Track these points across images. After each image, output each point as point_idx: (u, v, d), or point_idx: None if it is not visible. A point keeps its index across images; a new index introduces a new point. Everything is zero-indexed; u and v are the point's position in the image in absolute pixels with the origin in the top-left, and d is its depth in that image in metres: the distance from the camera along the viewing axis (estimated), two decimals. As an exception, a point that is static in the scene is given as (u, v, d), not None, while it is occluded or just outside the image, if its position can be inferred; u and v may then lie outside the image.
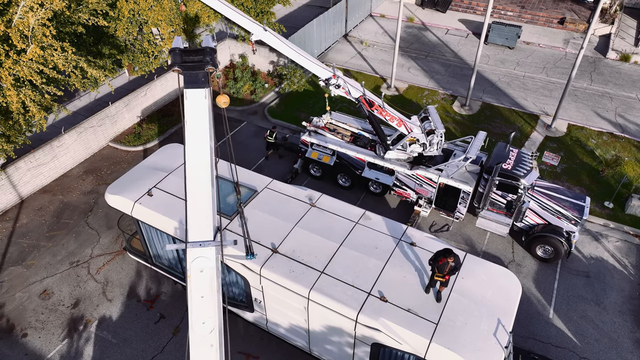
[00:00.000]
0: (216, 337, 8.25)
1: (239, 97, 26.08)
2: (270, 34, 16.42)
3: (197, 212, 8.27)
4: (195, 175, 8.30)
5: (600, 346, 14.45)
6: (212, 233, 8.25)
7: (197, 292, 8.12)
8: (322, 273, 11.98)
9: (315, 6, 36.36)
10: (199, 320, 8.17)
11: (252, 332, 14.85)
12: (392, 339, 10.86)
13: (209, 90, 8.35)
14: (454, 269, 11.11)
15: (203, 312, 8.17)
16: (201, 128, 8.31)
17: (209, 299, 8.15)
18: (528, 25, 33.41)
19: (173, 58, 8.26)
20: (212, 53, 8.32)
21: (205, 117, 8.31)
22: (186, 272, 8.15)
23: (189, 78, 8.28)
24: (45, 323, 15.26)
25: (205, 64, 8.23)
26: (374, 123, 17.59)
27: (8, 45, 14.92)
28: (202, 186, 8.29)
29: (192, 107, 8.27)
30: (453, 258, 10.92)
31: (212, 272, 8.15)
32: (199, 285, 8.11)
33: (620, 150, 21.80)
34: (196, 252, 8.11)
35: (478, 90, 26.17)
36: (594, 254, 17.30)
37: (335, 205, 14.11)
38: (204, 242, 8.15)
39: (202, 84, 8.28)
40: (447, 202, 18.03)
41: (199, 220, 8.26)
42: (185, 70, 8.26)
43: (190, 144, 8.30)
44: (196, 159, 8.30)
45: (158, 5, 20.17)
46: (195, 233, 8.21)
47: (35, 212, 19.22)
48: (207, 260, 8.12)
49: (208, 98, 8.34)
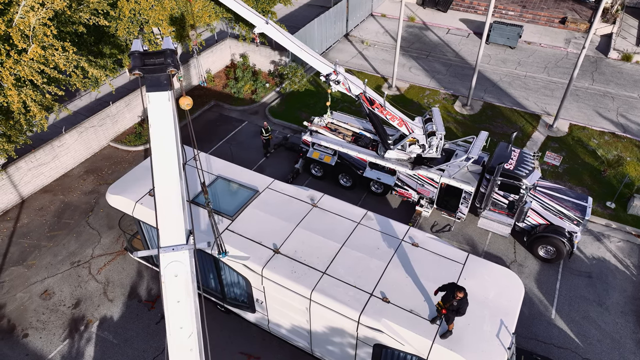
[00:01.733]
0: (195, 341, 8.18)
1: (240, 96, 26.04)
2: (272, 27, 16.56)
3: (167, 216, 8.11)
4: (163, 179, 8.14)
5: (602, 347, 14.41)
6: (185, 236, 8.13)
7: (173, 297, 8.01)
8: (324, 274, 11.94)
9: (316, 6, 36.32)
10: (176, 326, 8.09)
11: (254, 333, 14.82)
12: (394, 340, 10.83)
13: (172, 93, 8.19)
14: (457, 309, 10.25)
15: (180, 317, 8.08)
16: (166, 131, 8.15)
17: (186, 304, 8.05)
18: (529, 24, 33.36)
19: (133, 62, 8.05)
20: (173, 55, 8.19)
21: (170, 119, 8.16)
22: (160, 277, 8.02)
23: (150, 81, 8.11)
24: (46, 323, 15.23)
25: (167, 66, 8.07)
26: (374, 121, 17.55)
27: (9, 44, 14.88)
28: (170, 190, 8.14)
29: (155, 110, 8.11)
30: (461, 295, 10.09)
31: (187, 276, 8.04)
32: (175, 290, 8.00)
33: (622, 150, 21.75)
34: (169, 257, 7.98)
35: (479, 90, 26.12)
36: (596, 254, 17.26)
37: (336, 205, 14.07)
38: (176, 246, 8.01)
39: (165, 86, 8.13)
40: (448, 202, 17.99)
41: (170, 224, 8.10)
42: (146, 74, 8.09)
43: (156, 148, 8.13)
44: (163, 162, 8.15)
45: (159, 4, 20.12)
46: (167, 238, 8.06)
47: (36, 212, 19.19)
48: (181, 265, 8.00)
49: (171, 100, 8.19)
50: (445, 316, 10.48)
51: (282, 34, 16.70)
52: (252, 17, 16.68)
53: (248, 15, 16.68)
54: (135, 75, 8.07)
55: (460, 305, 10.21)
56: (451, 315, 10.38)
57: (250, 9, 16.77)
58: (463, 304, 10.22)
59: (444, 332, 10.64)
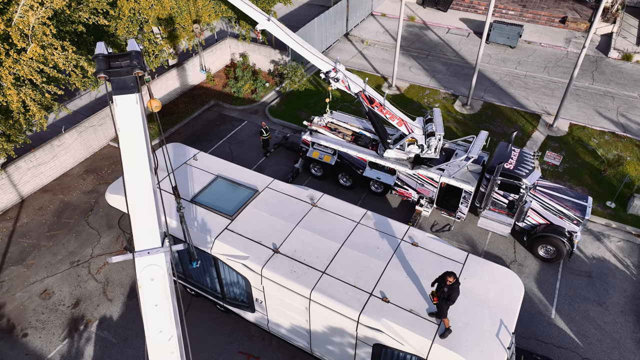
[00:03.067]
0: (175, 343, 8.15)
1: (239, 96, 26.03)
2: (274, 24, 16.72)
3: (141, 220, 8.02)
4: (134, 183, 8.05)
5: (602, 347, 14.40)
6: (160, 239, 8.05)
7: (151, 301, 7.95)
8: (323, 273, 11.93)
9: (316, 5, 36.30)
10: (155, 329, 8.03)
11: (253, 333, 14.81)
12: (393, 339, 10.81)
13: (139, 95, 8.07)
14: (448, 296, 10.29)
15: (159, 320, 8.03)
16: (136, 134, 8.04)
17: (164, 307, 7.99)
18: (529, 24, 33.33)
19: (97, 65, 7.87)
20: (139, 56, 8.04)
21: (139, 122, 8.05)
22: (137, 282, 7.96)
23: (117, 84, 7.97)
24: (46, 323, 15.22)
25: (133, 68, 7.93)
26: (374, 120, 17.52)
27: (8, 44, 14.85)
28: (143, 193, 8.05)
29: (123, 113, 7.98)
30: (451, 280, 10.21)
31: (164, 279, 7.96)
32: (152, 294, 7.93)
33: (622, 150, 21.73)
34: (145, 260, 7.89)
35: (479, 89, 26.10)
36: (596, 254, 17.24)
37: (336, 205, 14.05)
38: (151, 249, 7.93)
39: (132, 89, 7.99)
40: (448, 201, 17.98)
41: (144, 228, 8.01)
42: (112, 77, 7.94)
43: (126, 152, 8.01)
44: (134, 166, 8.04)
45: (159, 4, 20.11)
46: (142, 241, 7.97)
47: (35, 212, 19.18)
48: (157, 268, 7.92)
49: (139, 103, 8.08)
50: (437, 305, 10.52)
51: (283, 31, 16.80)
52: (254, 14, 16.90)
53: (250, 12, 16.93)
54: (100, 78, 7.90)
55: (451, 292, 10.23)
56: (443, 305, 10.39)
57: (252, 6, 17.00)
58: (454, 291, 10.24)
59: (442, 331, 10.62)
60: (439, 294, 10.45)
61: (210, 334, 14.87)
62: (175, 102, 25.76)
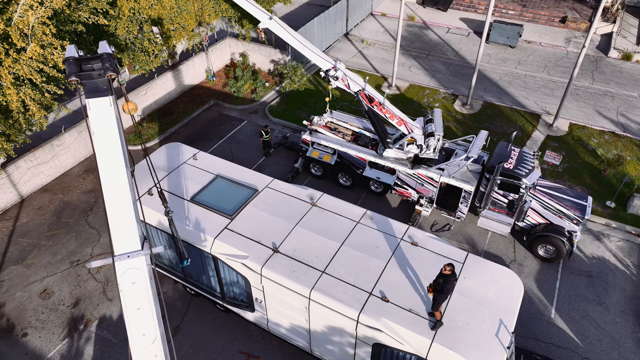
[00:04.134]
0: (159, 346, 8.12)
1: (239, 96, 26.02)
2: (276, 22, 16.75)
3: (119, 223, 7.93)
4: (111, 186, 7.94)
5: (602, 346, 14.40)
6: (140, 242, 7.98)
7: (133, 305, 7.89)
8: (323, 273, 11.93)
9: (316, 5, 36.29)
10: (138, 333, 7.98)
11: (253, 332, 14.81)
12: (393, 339, 10.82)
13: (113, 98, 7.92)
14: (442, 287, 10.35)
15: (142, 323, 7.97)
16: (111, 137, 7.89)
17: (146, 310, 7.93)
18: (529, 24, 33.32)
19: (68, 68, 7.67)
20: (111, 58, 7.88)
21: (113, 125, 7.90)
22: (118, 286, 7.86)
23: (89, 87, 7.80)
24: (46, 322, 15.22)
25: (106, 70, 7.78)
26: (373, 119, 17.51)
27: (8, 43, 14.85)
28: (120, 196, 7.96)
29: (97, 117, 7.82)
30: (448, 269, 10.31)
31: (146, 282, 7.90)
32: (134, 297, 7.87)
33: (622, 150, 21.73)
34: (125, 264, 7.81)
35: (479, 89, 26.09)
36: (596, 253, 17.24)
37: (336, 204, 14.05)
38: (131, 252, 7.85)
39: (105, 91, 7.83)
40: (448, 201, 17.98)
41: (123, 231, 7.93)
42: (84, 80, 7.78)
43: (102, 156, 7.88)
44: (110, 169, 7.92)
45: (159, 3, 20.10)
46: (121, 245, 7.90)
47: (35, 211, 19.18)
48: (138, 271, 7.85)
49: (114, 106, 7.93)
50: (433, 298, 10.56)
51: (285, 29, 16.82)
52: (256, 12, 16.96)
53: (252, 10, 17.02)
54: (72, 82, 7.77)
55: (445, 284, 10.26)
56: (437, 296, 10.41)
57: (254, 4, 17.04)
58: (448, 283, 10.27)
59: (433, 324, 10.69)
60: (434, 285, 10.54)
61: (210, 334, 14.87)
62: (175, 101, 25.76)
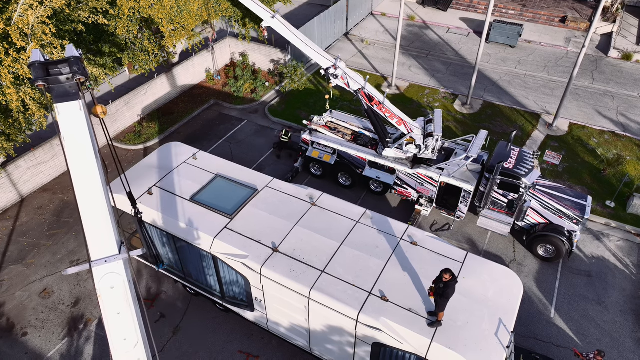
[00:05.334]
0: (142, 350, 8.09)
1: (239, 95, 26.03)
2: (278, 21, 16.81)
3: (95, 228, 7.80)
4: (85, 191, 7.81)
5: (601, 346, 14.40)
6: (117, 246, 7.87)
7: (113, 310, 7.83)
8: (322, 272, 11.94)
9: (316, 4, 36.30)
10: (120, 338, 7.93)
11: (253, 332, 14.82)
12: (393, 338, 10.83)
13: (83, 102, 7.76)
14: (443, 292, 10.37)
15: (123, 328, 7.93)
16: (82, 141, 7.73)
17: (127, 314, 7.88)
18: (529, 23, 33.32)
19: (35, 73, 7.44)
20: (79, 62, 7.69)
21: (84, 129, 7.74)
22: (96, 291, 7.77)
23: (58, 92, 7.59)
24: (46, 322, 15.23)
25: (74, 74, 7.61)
26: (373, 119, 17.50)
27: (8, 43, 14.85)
28: (94, 201, 7.83)
29: (67, 122, 7.65)
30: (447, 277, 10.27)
31: (125, 287, 7.85)
32: (113, 302, 7.80)
33: (622, 150, 21.73)
34: (103, 269, 7.71)
35: (479, 89, 26.09)
36: (596, 253, 17.24)
37: (336, 204, 14.05)
38: (109, 257, 7.74)
39: (74, 95, 7.66)
40: (448, 201, 17.97)
41: (99, 236, 7.81)
42: (52, 84, 7.57)
43: (74, 161, 7.72)
44: (83, 174, 7.79)
45: (159, 3, 20.10)
46: (98, 250, 7.77)
47: (35, 211, 19.18)
48: (116, 276, 7.77)
49: (83, 110, 7.76)
50: (435, 302, 10.57)
51: (287, 28, 16.88)
52: (259, 11, 17.03)
53: (256, 9, 17.12)
54: (39, 87, 7.55)
55: (446, 289, 10.25)
56: (439, 300, 10.42)
57: (258, 3, 17.09)
58: (449, 287, 10.25)
59: (432, 321, 10.71)
60: (435, 289, 10.53)
61: (210, 333, 14.88)
62: (175, 101, 25.77)
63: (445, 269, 10.33)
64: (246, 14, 23.78)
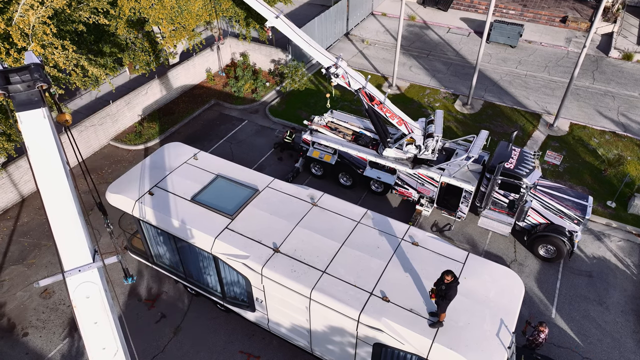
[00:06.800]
0: (122, 357, 8.03)
1: (240, 95, 26.03)
2: (282, 21, 16.79)
3: (66, 238, 7.64)
4: (53, 200, 7.65)
5: (602, 346, 14.39)
6: (90, 255, 7.71)
7: (89, 320, 7.69)
8: (323, 273, 11.93)
9: (316, 4, 36.29)
10: (98, 347, 7.81)
11: (254, 332, 14.81)
12: (394, 339, 10.81)
13: (46, 109, 7.57)
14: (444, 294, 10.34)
15: (101, 337, 7.80)
16: (48, 149, 7.57)
17: (104, 323, 7.76)
18: (530, 23, 33.31)
19: None
20: (39, 69, 7.44)
21: (49, 136, 7.57)
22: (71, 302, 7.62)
23: (19, 100, 7.36)
24: (46, 322, 15.23)
25: (36, 81, 7.42)
26: (373, 118, 17.48)
27: (9, 43, 14.86)
28: (64, 210, 7.69)
29: (31, 130, 7.46)
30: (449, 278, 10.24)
31: (101, 295, 7.70)
32: (90, 311, 7.66)
33: (623, 150, 21.72)
34: (77, 279, 7.55)
35: (480, 89, 26.08)
36: (597, 253, 17.23)
37: (336, 204, 14.04)
38: (82, 266, 7.59)
39: (37, 103, 7.46)
40: (449, 201, 17.97)
41: (71, 245, 7.66)
42: (13, 93, 7.34)
43: (40, 170, 7.55)
44: (50, 182, 7.62)
45: (159, 3, 20.10)
46: (71, 260, 7.61)
47: (36, 211, 19.18)
48: (92, 285, 7.62)
49: (47, 117, 7.56)
50: (437, 303, 10.56)
51: (291, 28, 16.87)
52: (264, 11, 17.05)
53: (260, 9, 17.11)
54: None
55: (448, 291, 10.23)
56: (440, 302, 10.40)
57: (262, 3, 17.11)
58: (450, 289, 10.23)
59: (433, 322, 10.69)
60: (436, 291, 10.52)
61: (211, 333, 14.87)
62: (175, 101, 25.77)
63: (447, 271, 10.32)
64: (249, 14, 23.78)
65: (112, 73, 19.92)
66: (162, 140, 23.09)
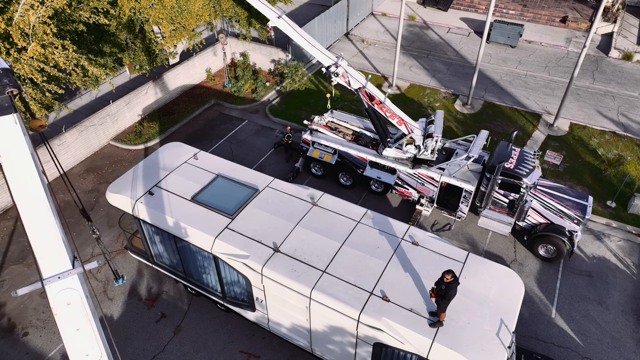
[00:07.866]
0: None
1: (240, 95, 26.03)
2: (284, 21, 16.84)
3: (43, 245, 7.48)
4: (29, 207, 7.51)
5: (602, 346, 14.40)
6: (70, 261, 7.55)
7: (71, 327, 7.59)
8: (324, 272, 11.93)
9: (316, 4, 36.31)
10: (81, 354, 7.72)
11: (254, 332, 14.82)
12: (394, 338, 10.82)
13: (17, 115, 7.34)
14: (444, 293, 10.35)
15: (83, 344, 7.70)
16: (21, 156, 7.39)
17: (86, 329, 7.66)
18: (530, 23, 33.32)
19: None
20: (8, 73, 7.24)
21: (22, 143, 7.37)
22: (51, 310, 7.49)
23: None
24: (46, 322, 15.23)
25: (5, 86, 7.18)
26: (373, 118, 17.49)
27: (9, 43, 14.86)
28: (40, 217, 7.54)
29: (2, 137, 7.27)
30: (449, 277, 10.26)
31: (82, 301, 7.59)
32: (71, 318, 7.56)
33: (623, 150, 21.72)
34: (57, 286, 7.42)
35: (480, 89, 26.09)
36: (597, 253, 17.24)
37: (337, 204, 14.05)
38: (62, 273, 7.44)
39: (7, 109, 7.22)
40: (449, 201, 17.98)
41: (49, 252, 7.49)
42: None
43: (13, 176, 7.39)
44: (25, 189, 7.48)
45: (159, 3, 20.09)
46: (49, 267, 7.46)
47: (36, 211, 19.15)
48: (72, 291, 7.48)
49: (19, 123, 7.34)
50: (437, 303, 10.56)
51: (293, 28, 16.91)
52: (265, 10, 17.10)
53: (263, 9, 17.16)
54: None
55: (448, 290, 10.24)
56: (440, 302, 10.40)
57: (265, 3, 17.17)
58: (450, 289, 10.24)
59: (433, 321, 10.70)
60: (436, 290, 10.53)
61: (211, 333, 14.87)
62: (175, 101, 25.77)
63: (447, 270, 10.33)
64: (250, 14, 23.78)
65: (112, 73, 19.91)
66: (162, 140, 23.10)
